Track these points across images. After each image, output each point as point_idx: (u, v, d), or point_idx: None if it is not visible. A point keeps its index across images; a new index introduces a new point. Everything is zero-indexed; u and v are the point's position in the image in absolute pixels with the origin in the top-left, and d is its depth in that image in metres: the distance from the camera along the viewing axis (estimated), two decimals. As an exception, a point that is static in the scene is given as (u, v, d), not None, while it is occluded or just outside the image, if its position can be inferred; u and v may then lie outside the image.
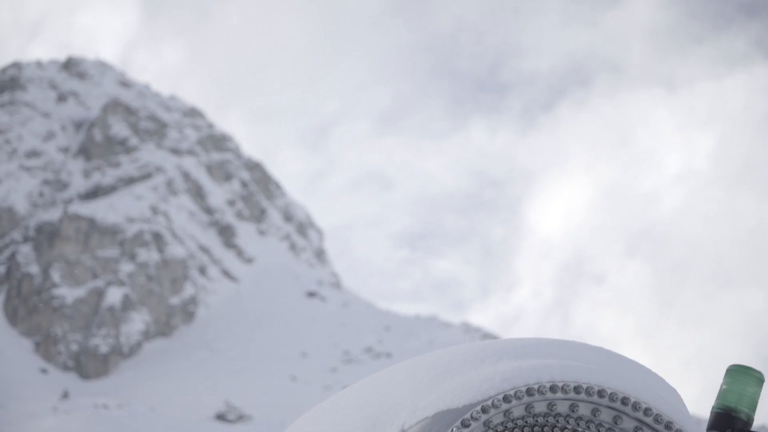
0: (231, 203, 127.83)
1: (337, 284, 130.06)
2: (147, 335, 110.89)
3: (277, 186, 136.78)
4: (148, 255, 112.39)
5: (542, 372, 3.01)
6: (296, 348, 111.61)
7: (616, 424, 3.04)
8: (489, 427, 2.99)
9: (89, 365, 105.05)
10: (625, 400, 3.01)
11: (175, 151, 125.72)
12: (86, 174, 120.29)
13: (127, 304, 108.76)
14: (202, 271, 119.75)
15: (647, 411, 3.02)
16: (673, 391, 3.25)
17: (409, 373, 3.29)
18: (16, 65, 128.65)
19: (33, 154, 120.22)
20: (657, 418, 3.03)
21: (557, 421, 3.04)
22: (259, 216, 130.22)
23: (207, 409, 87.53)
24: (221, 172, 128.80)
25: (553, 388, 2.99)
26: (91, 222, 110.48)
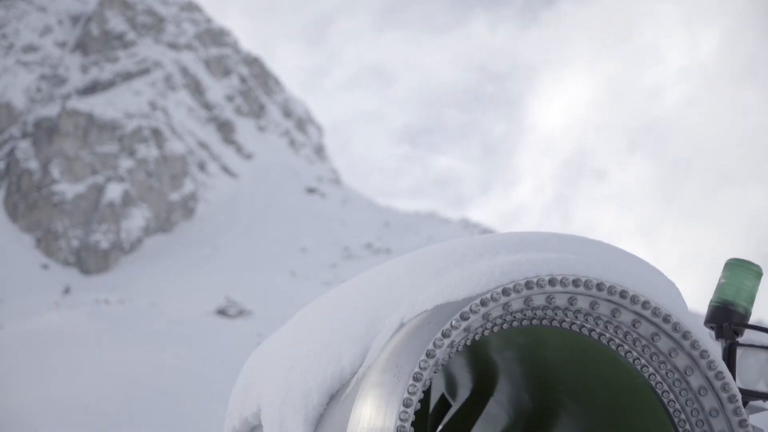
0: (230, 99, 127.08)
1: (336, 180, 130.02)
2: (147, 231, 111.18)
3: (276, 81, 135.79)
4: (148, 151, 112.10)
5: (541, 265, 3.02)
6: (296, 244, 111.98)
7: (614, 317, 3.05)
8: (488, 320, 3.00)
9: (90, 261, 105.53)
10: (623, 294, 3.02)
11: (173, 46, 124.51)
12: (84, 69, 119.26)
13: (127, 200, 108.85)
14: (202, 167, 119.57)
15: (645, 304, 3.03)
16: (672, 284, 3.25)
17: (408, 268, 3.30)
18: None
19: (30, 48, 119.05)
20: (655, 311, 3.04)
21: (556, 314, 3.05)
22: (258, 112, 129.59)
23: (207, 304, 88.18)
24: (220, 68, 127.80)
25: (551, 282, 3.00)
26: (90, 118, 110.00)
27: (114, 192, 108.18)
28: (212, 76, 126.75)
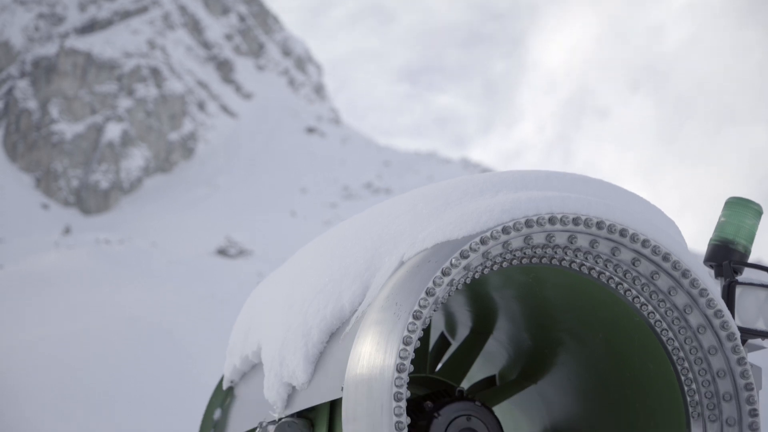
0: (228, 38, 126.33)
1: (336, 120, 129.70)
2: (147, 171, 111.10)
3: (275, 20, 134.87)
4: (147, 90, 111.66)
5: (541, 203, 3.01)
6: (296, 184, 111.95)
7: (614, 255, 3.06)
8: (488, 258, 3.00)
9: (90, 201, 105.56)
10: (623, 232, 3.02)
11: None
12: (81, 7, 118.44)
13: (127, 140, 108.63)
14: (201, 106, 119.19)
15: (645, 242, 3.03)
16: (672, 223, 3.25)
17: (408, 206, 3.30)
18: None
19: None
20: (655, 250, 3.04)
21: (555, 252, 3.06)
22: (257, 51, 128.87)
23: (207, 244, 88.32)
24: (218, 6, 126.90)
25: (551, 220, 3.00)
26: (88, 57, 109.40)
27: (113, 132, 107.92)
28: (211, 14, 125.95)
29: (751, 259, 3.55)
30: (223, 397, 4.46)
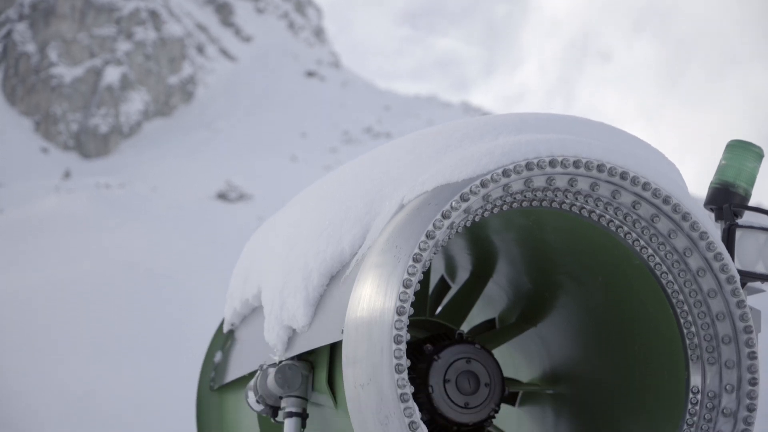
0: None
1: (336, 64, 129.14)
2: (146, 115, 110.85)
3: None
4: (145, 33, 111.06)
5: (541, 146, 3.00)
6: (296, 128, 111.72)
7: (614, 198, 3.05)
8: (488, 201, 3.00)
9: (89, 145, 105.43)
10: (624, 175, 3.01)
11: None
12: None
13: (126, 84, 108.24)
14: (200, 50, 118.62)
15: (646, 185, 3.02)
16: (672, 166, 3.24)
17: (408, 149, 3.28)
18: None
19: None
20: (655, 193, 3.03)
21: (556, 195, 3.05)
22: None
23: (208, 188, 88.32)
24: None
25: (552, 163, 2.99)
26: None
27: (112, 75, 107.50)
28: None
29: (752, 203, 3.54)
30: (223, 340, 4.47)
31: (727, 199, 3.48)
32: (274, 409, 3.45)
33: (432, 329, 3.63)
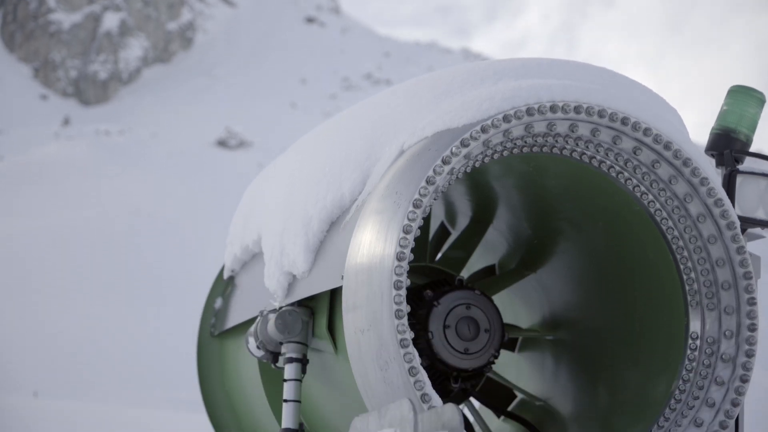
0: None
1: (336, 9, 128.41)
2: (145, 61, 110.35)
3: None
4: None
5: (542, 91, 2.98)
6: (295, 75, 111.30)
7: (615, 144, 3.04)
8: (488, 147, 2.99)
9: (89, 91, 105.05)
10: (625, 120, 3.00)
11: None
12: None
13: (125, 30, 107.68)
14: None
15: (647, 131, 3.01)
16: (674, 111, 3.22)
17: (408, 95, 3.26)
18: None
19: None
20: (656, 139, 3.02)
21: (556, 141, 3.03)
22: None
23: (208, 135, 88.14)
24: None
25: (552, 108, 2.97)
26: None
27: (111, 21, 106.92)
28: None
29: (753, 149, 3.53)
30: (223, 286, 4.47)
31: (728, 145, 3.47)
32: (275, 355, 3.46)
33: (432, 275, 3.63)
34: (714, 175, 3.09)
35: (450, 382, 3.36)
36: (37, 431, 20.48)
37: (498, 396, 3.76)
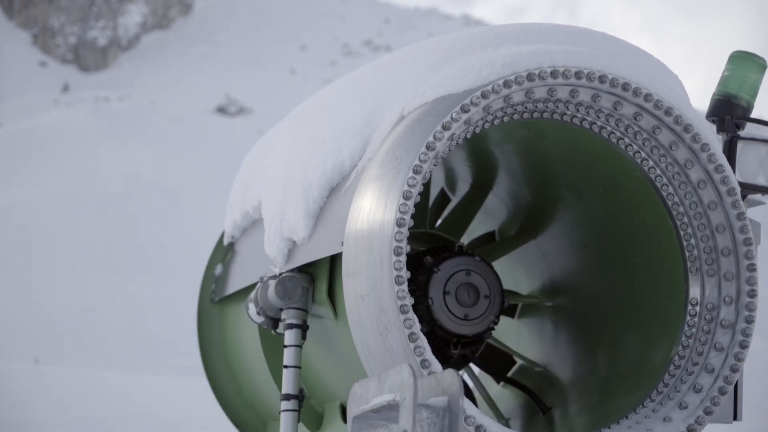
0: None
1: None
2: (145, 28, 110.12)
3: None
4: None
5: (543, 57, 2.97)
6: (295, 41, 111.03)
7: (615, 110, 3.03)
8: (488, 113, 2.98)
9: (88, 58, 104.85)
10: (625, 86, 2.99)
11: None
12: None
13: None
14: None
15: (648, 97, 3.00)
16: (675, 77, 3.21)
17: (408, 60, 3.25)
18: None
19: None
20: (657, 104, 3.01)
21: (557, 107, 3.03)
22: None
23: (207, 102, 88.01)
24: None
25: (553, 73, 2.96)
26: None
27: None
28: None
29: (754, 115, 3.52)
30: (223, 253, 4.47)
31: (729, 111, 3.46)
32: (275, 321, 3.47)
33: (432, 242, 3.63)
34: (715, 141, 3.08)
35: (450, 348, 3.37)
36: (38, 398, 20.59)
37: (498, 362, 3.77)
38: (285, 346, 3.36)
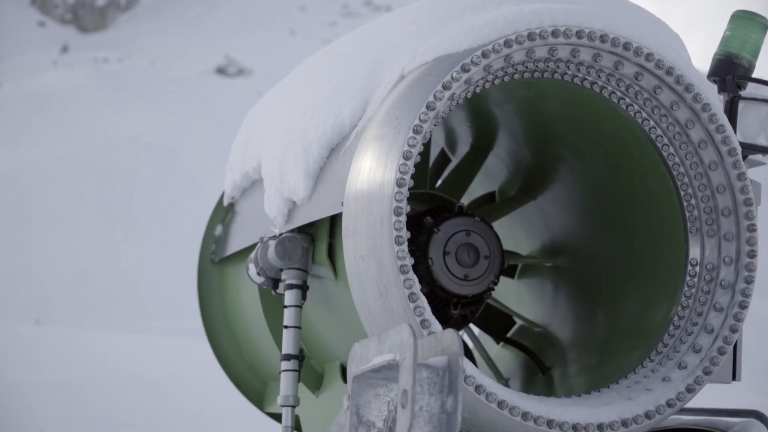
0: None
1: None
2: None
3: None
4: None
5: (544, 15, 2.95)
6: (295, 1, 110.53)
7: (616, 69, 3.02)
8: (489, 72, 2.96)
9: (87, 18, 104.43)
10: (627, 45, 2.97)
11: None
12: None
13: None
14: None
15: (649, 56, 2.99)
16: (677, 37, 3.20)
17: (409, 19, 3.24)
18: None
19: None
20: (658, 64, 3.00)
21: (558, 66, 3.01)
22: None
23: (207, 62, 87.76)
24: None
25: (554, 33, 2.95)
26: None
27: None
28: None
29: (756, 75, 3.51)
30: (223, 213, 4.48)
31: (731, 71, 3.44)
32: (275, 282, 3.47)
33: (432, 202, 3.63)
34: (716, 101, 3.07)
35: (449, 308, 3.37)
36: (40, 359, 20.68)
37: (497, 322, 3.78)
38: (285, 307, 3.37)
